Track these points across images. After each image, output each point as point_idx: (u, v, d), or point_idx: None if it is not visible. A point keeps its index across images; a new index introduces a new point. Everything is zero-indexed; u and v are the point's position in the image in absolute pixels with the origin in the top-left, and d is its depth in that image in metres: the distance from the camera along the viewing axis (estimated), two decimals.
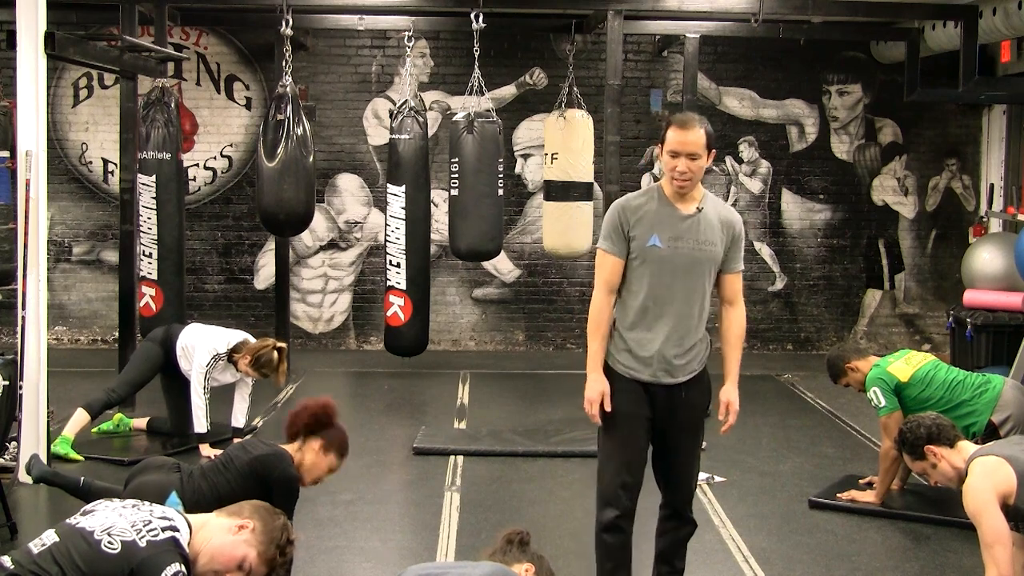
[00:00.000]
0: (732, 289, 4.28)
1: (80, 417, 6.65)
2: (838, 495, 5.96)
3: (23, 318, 6.04)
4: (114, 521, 3.37)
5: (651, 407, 4.22)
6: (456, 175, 8.04)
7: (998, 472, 3.96)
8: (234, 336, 6.83)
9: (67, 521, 3.43)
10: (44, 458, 5.93)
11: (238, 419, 6.86)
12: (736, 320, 4.30)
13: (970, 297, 9.31)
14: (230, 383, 6.89)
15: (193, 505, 4.11)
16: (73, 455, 6.50)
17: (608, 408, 4.16)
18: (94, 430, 7.06)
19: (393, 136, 8.19)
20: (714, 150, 4.20)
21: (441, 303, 10.60)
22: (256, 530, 3.49)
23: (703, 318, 4.22)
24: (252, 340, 6.87)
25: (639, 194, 4.30)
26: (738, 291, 4.30)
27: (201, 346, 6.74)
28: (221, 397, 6.92)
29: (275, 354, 6.63)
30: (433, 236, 9.24)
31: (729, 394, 4.26)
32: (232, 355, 6.72)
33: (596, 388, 4.18)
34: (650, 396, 4.21)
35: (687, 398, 4.23)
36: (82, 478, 5.07)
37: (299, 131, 7.63)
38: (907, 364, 5.86)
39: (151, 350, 6.98)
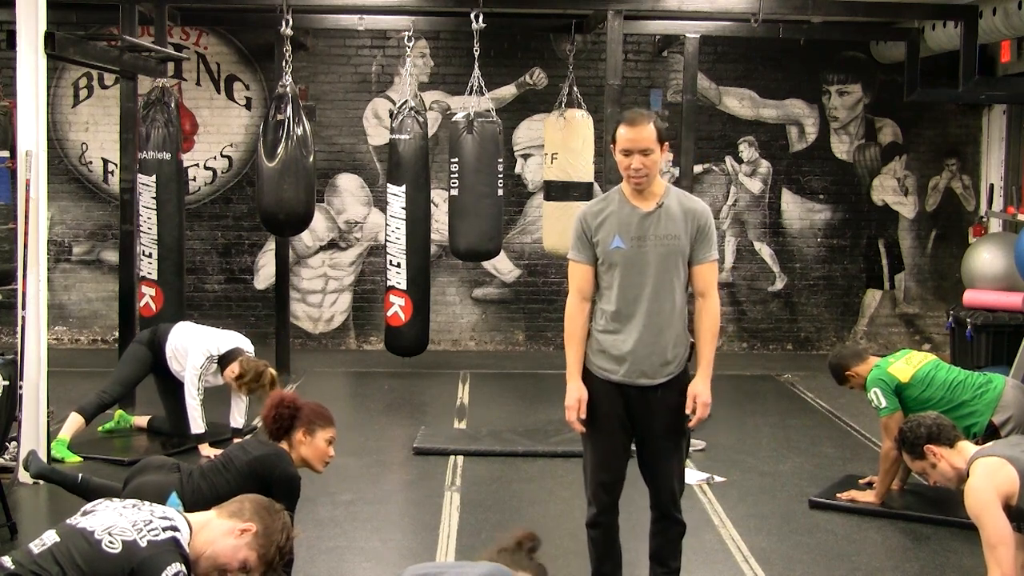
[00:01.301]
0: (703, 280, 4.22)
1: (74, 420, 6.64)
2: (838, 495, 5.96)
3: (23, 318, 6.04)
4: (115, 521, 3.37)
5: (626, 408, 4.24)
6: (456, 175, 8.04)
7: (1000, 473, 3.96)
8: (226, 339, 6.78)
9: (67, 521, 3.44)
10: (44, 458, 5.93)
11: (236, 419, 6.85)
12: (708, 312, 4.22)
13: (970, 297, 9.31)
14: (223, 384, 6.86)
15: (192, 506, 4.11)
16: (71, 457, 6.50)
17: (583, 415, 4.20)
18: (99, 428, 7.05)
19: (393, 136, 8.19)
20: (667, 143, 4.23)
21: (441, 303, 10.60)
22: (258, 533, 3.51)
23: (676, 313, 4.20)
24: (245, 347, 6.79)
25: (599, 199, 4.36)
26: (710, 283, 4.22)
27: (194, 347, 6.71)
28: (220, 397, 6.91)
29: (267, 379, 6.53)
30: (433, 236, 9.24)
31: (697, 387, 4.17)
32: (224, 361, 6.68)
33: (573, 395, 4.23)
34: (625, 397, 4.23)
35: (663, 400, 4.21)
36: (80, 475, 5.07)
37: (299, 131, 7.63)
38: (908, 364, 5.86)
39: (138, 351, 6.97)
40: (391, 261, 8.24)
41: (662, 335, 4.19)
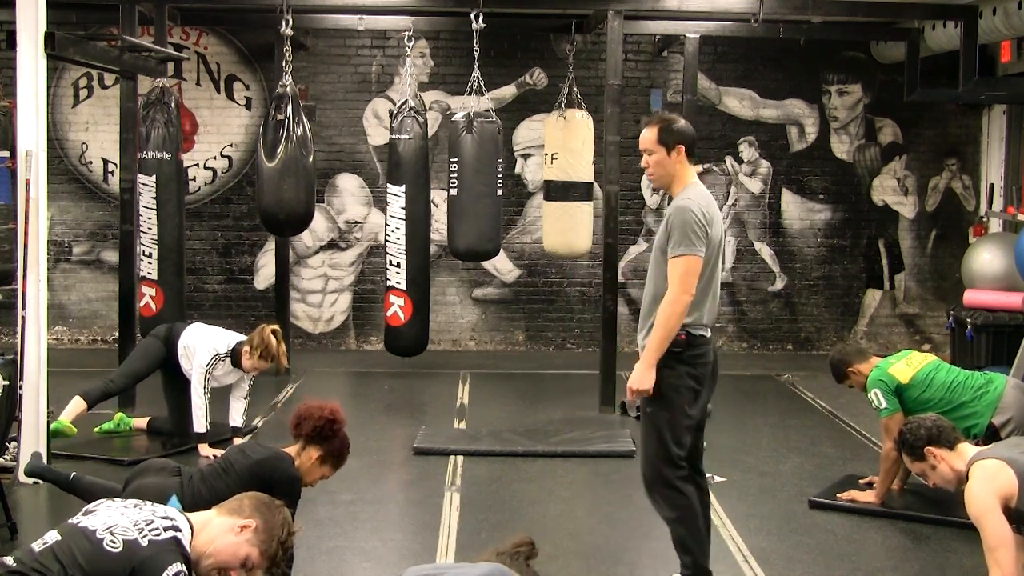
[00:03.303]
0: (668, 274, 4.37)
1: (77, 404, 6.69)
2: (838, 495, 5.95)
3: (23, 318, 6.04)
4: (116, 520, 3.38)
5: None
6: (455, 175, 8.04)
7: (999, 475, 3.97)
8: (234, 338, 6.84)
9: (69, 521, 3.44)
10: (44, 457, 5.93)
11: (235, 419, 6.87)
12: (661, 304, 4.34)
13: (970, 297, 9.31)
14: (231, 384, 6.90)
15: (193, 509, 4.10)
16: (67, 427, 6.51)
17: None
18: (95, 429, 7.07)
19: (393, 136, 8.19)
20: (680, 145, 4.45)
21: (441, 303, 10.60)
22: (258, 529, 3.51)
23: (657, 303, 4.37)
24: None
25: None
26: (670, 277, 4.33)
27: (202, 346, 6.75)
28: (221, 397, 6.92)
29: (272, 337, 6.64)
30: (433, 236, 9.24)
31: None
32: (234, 355, 6.73)
33: None
34: None
35: None
36: (72, 473, 5.10)
37: (299, 131, 7.63)
38: (908, 365, 5.86)
39: (152, 345, 7.00)
40: (391, 261, 8.24)
41: (646, 318, 4.48)
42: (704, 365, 4.45)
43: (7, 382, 5.73)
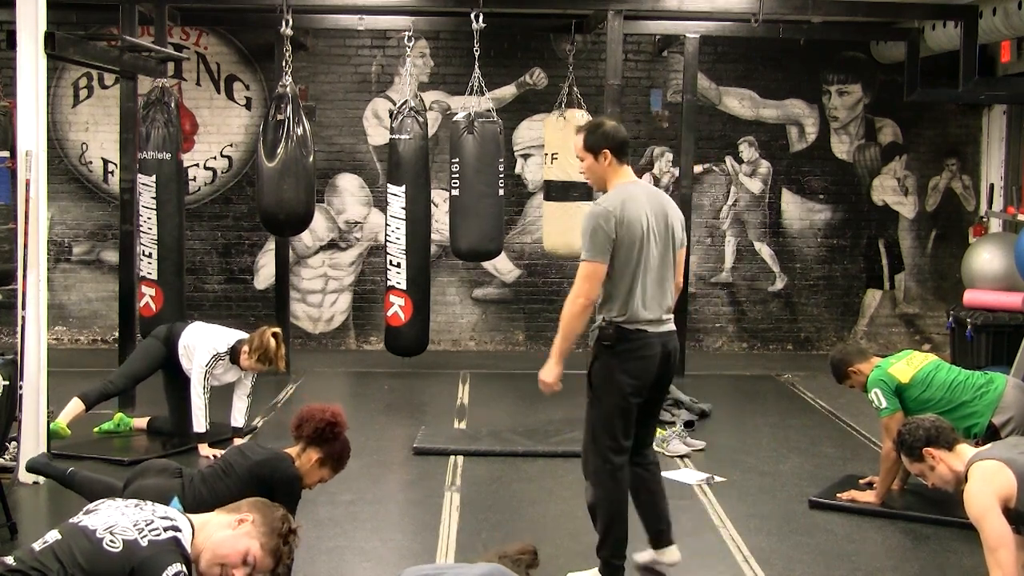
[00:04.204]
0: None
1: (75, 405, 6.69)
2: (838, 495, 5.96)
3: (23, 318, 6.04)
4: (116, 520, 3.38)
5: None
6: (457, 175, 8.04)
7: (998, 476, 3.97)
8: (235, 336, 6.84)
9: (70, 520, 3.44)
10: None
11: (237, 419, 6.87)
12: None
13: (970, 297, 9.31)
14: (232, 383, 6.90)
15: (194, 511, 4.11)
16: (62, 429, 6.51)
17: None
18: (95, 429, 7.08)
19: (393, 136, 8.19)
20: (605, 149, 4.56)
21: (441, 303, 10.60)
22: (256, 522, 3.51)
23: (597, 301, 4.58)
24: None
25: None
26: (576, 279, 4.51)
27: (201, 346, 6.75)
28: (222, 397, 6.92)
29: (272, 340, 6.64)
30: (433, 236, 9.24)
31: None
32: (233, 353, 6.73)
33: None
34: None
35: None
36: (70, 468, 5.11)
37: (299, 131, 7.63)
38: (908, 365, 5.86)
39: (153, 346, 7.00)
40: (391, 261, 8.24)
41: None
42: (641, 359, 4.53)
43: (7, 382, 5.73)
